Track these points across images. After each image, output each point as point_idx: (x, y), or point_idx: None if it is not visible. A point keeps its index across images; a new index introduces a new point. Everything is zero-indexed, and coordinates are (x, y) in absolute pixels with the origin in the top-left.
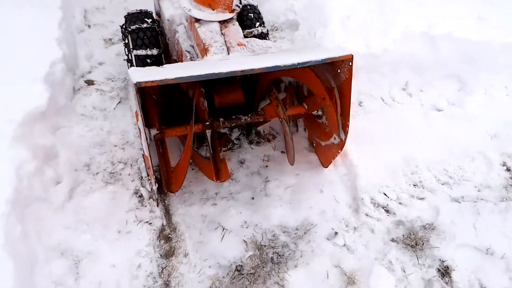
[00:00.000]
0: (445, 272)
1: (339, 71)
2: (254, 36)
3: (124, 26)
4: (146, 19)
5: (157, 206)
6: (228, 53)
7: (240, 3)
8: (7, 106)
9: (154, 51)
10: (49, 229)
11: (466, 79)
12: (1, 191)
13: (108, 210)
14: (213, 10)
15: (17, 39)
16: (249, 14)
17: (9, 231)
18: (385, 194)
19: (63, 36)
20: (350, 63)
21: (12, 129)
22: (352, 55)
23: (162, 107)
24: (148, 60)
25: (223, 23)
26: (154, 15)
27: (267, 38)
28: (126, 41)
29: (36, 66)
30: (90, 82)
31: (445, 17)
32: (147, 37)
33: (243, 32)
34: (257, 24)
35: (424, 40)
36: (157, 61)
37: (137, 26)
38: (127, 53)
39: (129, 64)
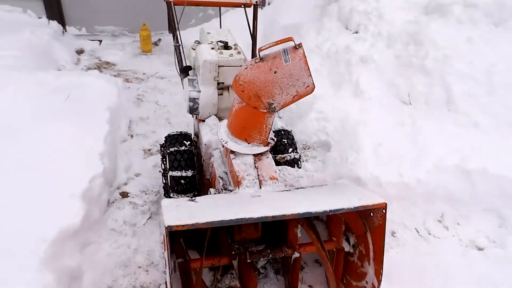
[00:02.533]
0: None
1: (371, 214)
2: (287, 161)
3: (164, 146)
4: (184, 141)
5: None
6: (260, 187)
7: (274, 136)
8: (42, 223)
9: (189, 173)
10: None
11: (506, 215)
12: None
13: None
14: (248, 143)
15: (64, 153)
16: (283, 140)
17: None
18: None
19: (106, 150)
20: (384, 210)
21: (42, 249)
22: (386, 204)
23: (189, 233)
24: (183, 181)
25: (257, 155)
26: (192, 135)
27: (299, 162)
28: (164, 161)
29: (76, 182)
30: (124, 194)
31: (478, 150)
32: (183, 159)
33: (276, 156)
34: (290, 150)
35: (458, 173)
36: (191, 182)
37: (176, 148)
38: (163, 167)
39: (163, 178)
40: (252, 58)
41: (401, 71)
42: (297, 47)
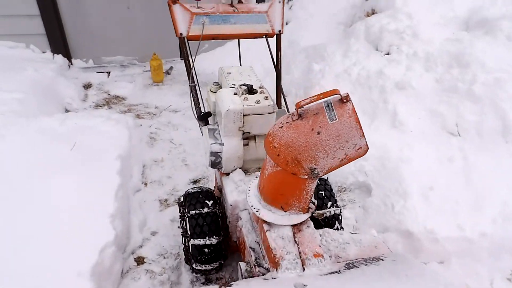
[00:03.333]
0: None
1: None
2: (326, 218)
3: (182, 205)
4: (206, 201)
5: None
6: (303, 268)
7: (315, 198)
8: None
9: (214, 240)
10: None
11: None
12: None
13: None
14: (285, 211)
15: (70, 216)
16: (320, 192)
17: None
18: None
19: (118, 208)
20: None
21: None
22: None
23: None
24: (206, 250)
25: (296, 225)
26: (214, 188)
27: (340, 218)
28: (184, 224)
29: (85, 254)
30: (140, 260)
31: None
32: (207, 223)
33: (313, 213)
34: (329, 204)
35: None
36: (216, 250)
37: (197, 211)
38: (182, 229)
39: (183, 239)
40: (277, 94)
41: (444, 97)
42: (345, 100)
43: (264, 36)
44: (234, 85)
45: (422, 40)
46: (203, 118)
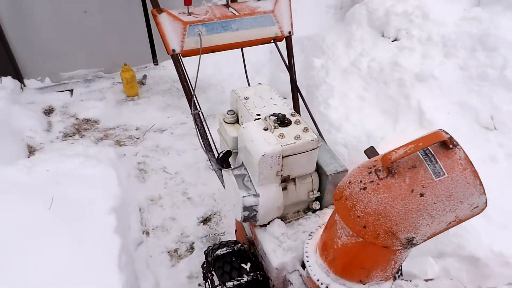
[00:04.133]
0: None
1: None
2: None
3: (209, 271)
4: (243, 265)
5: None
6: None
7: None
8: None
9: None
10: None
11: None
12: None
13: None
14: (364, 284)
15: None
16: None
17: None
18: None
19: (124, 280)
20: None
21: None
22: None
23: None
24: None
25: None
26: (235, 233)
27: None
28: None
29: None
30: None
31: None
32: None
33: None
34: None
35: None
36: None
37: (235, 282)
38: None
39: None
40: (293, 100)
41: (474, 87)
42: (451, 146)
43: (272, 41)
44: (259, 115)
45: (434, 21)
46: (224, 160)
